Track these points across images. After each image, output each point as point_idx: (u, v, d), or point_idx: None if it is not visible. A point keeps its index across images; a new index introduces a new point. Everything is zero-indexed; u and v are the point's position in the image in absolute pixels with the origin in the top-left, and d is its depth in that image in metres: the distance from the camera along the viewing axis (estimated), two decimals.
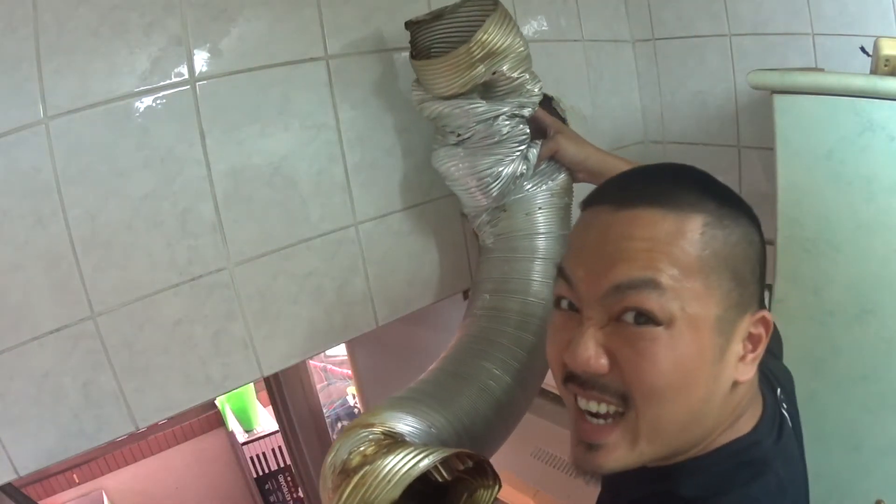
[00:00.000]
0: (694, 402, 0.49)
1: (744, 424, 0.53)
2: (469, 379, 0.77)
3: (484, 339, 0.83)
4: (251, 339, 0.85)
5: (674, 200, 0.49)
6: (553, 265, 0.87)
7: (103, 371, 0.74)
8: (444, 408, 0.72)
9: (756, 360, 0.51)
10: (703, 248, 0.48)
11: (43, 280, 0.70)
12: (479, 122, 0.83)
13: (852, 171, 0.83)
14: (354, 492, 0.56)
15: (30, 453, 0.71)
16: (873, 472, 0.89)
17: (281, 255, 0.86)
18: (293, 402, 2.04)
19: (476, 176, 0.86)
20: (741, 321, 0.50)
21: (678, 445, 0.51)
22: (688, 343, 0.48)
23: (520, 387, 0.80)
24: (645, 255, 0.48)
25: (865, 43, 0.90)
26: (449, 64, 0.79)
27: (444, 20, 0.86)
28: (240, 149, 0.81)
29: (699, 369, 0.48)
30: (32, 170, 0.68)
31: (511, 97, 0.83)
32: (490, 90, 0.83)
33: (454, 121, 0.84)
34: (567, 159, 0.90)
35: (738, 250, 0.50)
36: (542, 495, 1.37)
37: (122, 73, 0.72)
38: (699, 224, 0.49)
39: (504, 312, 0.85)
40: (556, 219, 0.90)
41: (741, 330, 0.50)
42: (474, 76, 0.80)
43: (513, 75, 0.81)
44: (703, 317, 0.48)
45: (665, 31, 1.27)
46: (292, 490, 2.68)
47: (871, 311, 0.85)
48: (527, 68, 0.84)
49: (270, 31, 0.82)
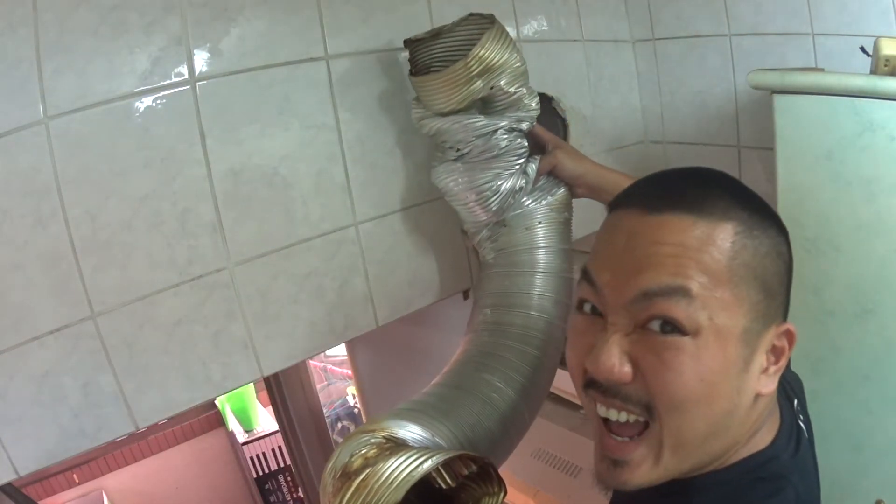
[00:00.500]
0: (717, 414, 0.48)
1: (761, 439, 0.53)
2: (472, 392, 0.76)
3: (486, 354, 0.82)
4: (251, 339, 0.85)
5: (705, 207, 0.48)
6: (554, 279, 0.87)
7: (103, 371, 0.74)
8: (448, 419, 0.71)
9: (779, 373, 0.51)
10: (734, 257, 0.47)
11: (43, 280, 0.70)
12: (478, 137, 0.83)
13: (852, 172, 0.83)
14: (356, 494, 0.55)
15: (30, 453, 0.71)
16: (873, 472, 0.89)
17: (281, 255, 0.86)
18: (293, 402, 2.04)
19: (475, 190, 0.86)
20: (767, 333, 0.49)
21: (700, 459, 0.50)
22: (713, 354, 0.47)
23: (524, 401, 0.79)
24: (674, 261, 0.47)
25: (865, 43, 0.90)
26: (447, 79, 0.80)
27: (443, 38, 0.86)
28: (240, 149, 0.81)
29: (724, 381, 0.48)
30: (32, 170, 0.68)
31: (509, 112, 0.84)
32: (488, 105, 0.84)
33: (453, 136, 0.84)
34: (566, 174, 0.90)
35: (768, 261, 0.49)
36: (542, 495, 1.37)
37: (122, 73, 0.72)
38: (730, 232, 0.48)
39: (506, 327, 0.84)
40: (556, 233, 0.90)
41: (766, 342, 0.50)
42: (472, 91, 0.80)
43: (510, 90, 0.82)
44: (730, 327, 0.47)
45: (665, 31, 1.27)
46: (292, 490, 2.68)
47: (871, 311, 0.85)
48: (524, 83, 0.84)
49: (270, 31, 0.82)
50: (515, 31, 1.10)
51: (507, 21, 1.09)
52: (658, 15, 1.27)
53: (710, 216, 0.48)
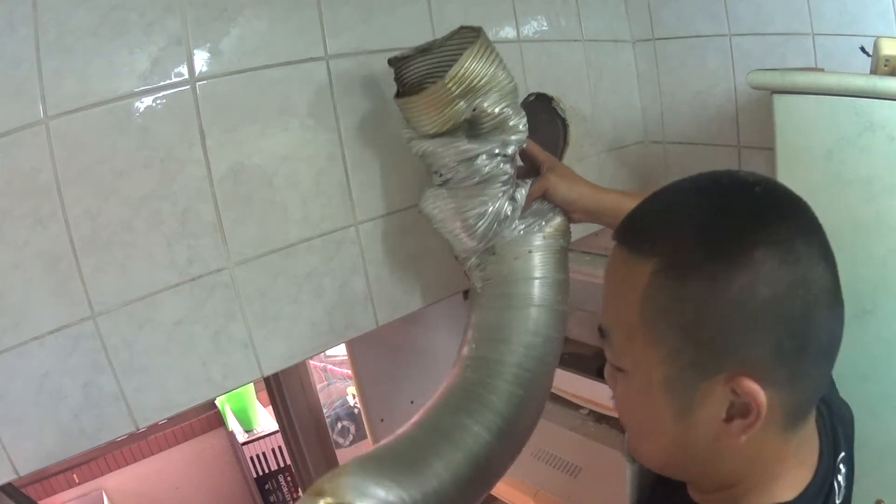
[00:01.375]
0: (665, 446, 0.47)
1: (783, 489, 0.47)
2: (448, 437, 0.72)
3: (468, 393, 0.77)
4: (251, 339, 0.85)
5: (639, 239, 0.45)
6: (545, 313, 0.81)
7: (103, 371, 0.74)
8: (416, 472, 0.66)
9: (750, 429, 0.43)
10: (645, 299, 0.44)
11: (43, 280, 0.70)
12: (460, 162, 0.80)
13: (852, 172, 0.82)
14: None
15: (30, 453, 0.71)
16: (873, 472, 0.89)
17: (281, 255, 0.86)
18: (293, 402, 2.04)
19: (460, 218, 0.83)
20: (703, 384, 0.43)
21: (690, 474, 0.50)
22: (639, 397, 0.46)
23: (504, 445, 0.75)
24: (607, 300, 0.47)
25: (865, 43, 0.90)
26: (427, 101, 0.76)
27: (431, 53, 0.82)
28: (240, 149, 0.81)
29: (657, 421, 0.46)
30: (32, 170, 0.68)
31: (494, 135, 0.79)
32: (475, 128, 0.80)
33: (437, 160, 0.82)
34: (558, 199, 0.85)
35: (690, 307, 0.42)
36: (542, 495, 1.37)
37: (122, 73, 0.72)
38: (647, 272, 0.43)
39: (492, 364, 0.79)
40: (549, 263, 0.84)
41: (712, 394, 0.43)
42: (455, 113, 0.76)
43: (494, 111, 0.77)
44: (650, 374, 0.45)
45: (665, 31, 1.27)
46: (292, 490, 2.67)
47: (871, 311, 0.85)
48: (510, 103, 0.79)
49: (270, 31, 0.82)
50: (515, 31, 1.10)
51: (507, 21, 1.09)
52: (658, 15, 1.27)
53: (639, 252, 0.44)
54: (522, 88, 1.12)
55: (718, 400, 0.43)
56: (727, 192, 0.45)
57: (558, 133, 1.21)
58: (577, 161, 1.23)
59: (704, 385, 0.43)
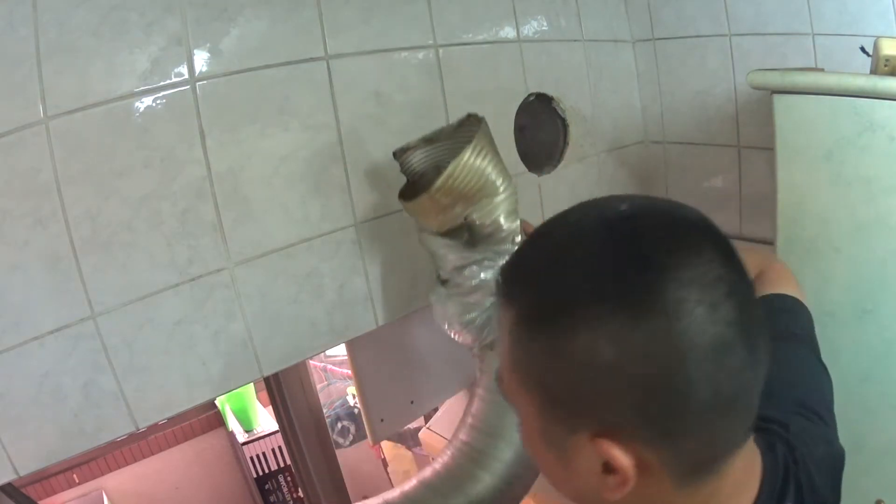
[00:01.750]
0: (565, 490, 0.45)
1: None
2: None
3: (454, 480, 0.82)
4: (251, 339, 0.85)
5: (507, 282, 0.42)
6: None
7: (103, 371, 0.74)
8: None
9: (624, 487, 0.39)
10: (509, 349, 0.41)
11: (43, 280, 0.70)
12: (455, 269, 0.81)
13: (852, 172, 0.82)
14: None
15: (30, 453, 0.71)
16: (873, 472, 0.89)
17: (281, 255, 0.86)
18: (293, 402, 2.04)
19: (458, 321, 0.84)
20: (571, 437, 0.40)
21: None
22: (530, 441, 0.44)
23: None
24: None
25: (865, 43, 0.90)
26: (420, 208, 0.76)
27: (436, 145, 0.82)
28: (240, 149, 0.81)
29: (550, 466, 0.44)
30: (32, 170, 0.68)
31: (489, 243, 0.79)
32: (473, 233, 0.80)
33: (438, 261, 0.83)
34: None
35: (541, 362, 0.39)
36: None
37: (122, 73, 0.72)
38: (510, 319, 0.40)
39: (482, 457, 0.83)
40: None
41: (579, 449, 0.40)
42: (450, 218, 0.76)
43: (485, 222, 0.75)
44: (531, 422, 0.43)
45: (665, 31, 1.27)
46: (292, 490, 2.67)
47: (871, 311, 0.85)
48: (504, 214, 0.76)
49: (270, 31, 0.82)
50: (515, 31, 1.10)
51: (507, 21, 1.09)
52: (658, 15, 1.27)
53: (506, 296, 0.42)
54: (522, 88, 1.12)
55: (590, 454, 0.39)
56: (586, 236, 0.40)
57: (558, 133, 1.21)
58: (577, 161, 1.23)
59: (573, 438, 0.40)
